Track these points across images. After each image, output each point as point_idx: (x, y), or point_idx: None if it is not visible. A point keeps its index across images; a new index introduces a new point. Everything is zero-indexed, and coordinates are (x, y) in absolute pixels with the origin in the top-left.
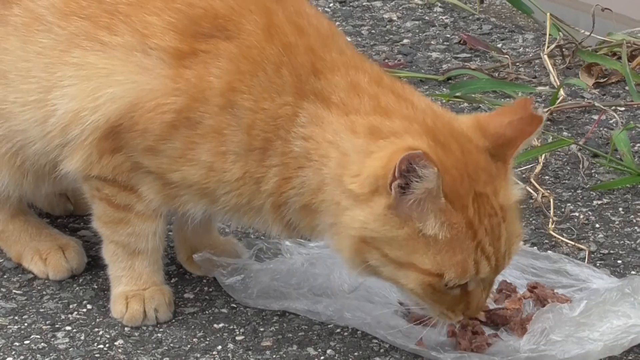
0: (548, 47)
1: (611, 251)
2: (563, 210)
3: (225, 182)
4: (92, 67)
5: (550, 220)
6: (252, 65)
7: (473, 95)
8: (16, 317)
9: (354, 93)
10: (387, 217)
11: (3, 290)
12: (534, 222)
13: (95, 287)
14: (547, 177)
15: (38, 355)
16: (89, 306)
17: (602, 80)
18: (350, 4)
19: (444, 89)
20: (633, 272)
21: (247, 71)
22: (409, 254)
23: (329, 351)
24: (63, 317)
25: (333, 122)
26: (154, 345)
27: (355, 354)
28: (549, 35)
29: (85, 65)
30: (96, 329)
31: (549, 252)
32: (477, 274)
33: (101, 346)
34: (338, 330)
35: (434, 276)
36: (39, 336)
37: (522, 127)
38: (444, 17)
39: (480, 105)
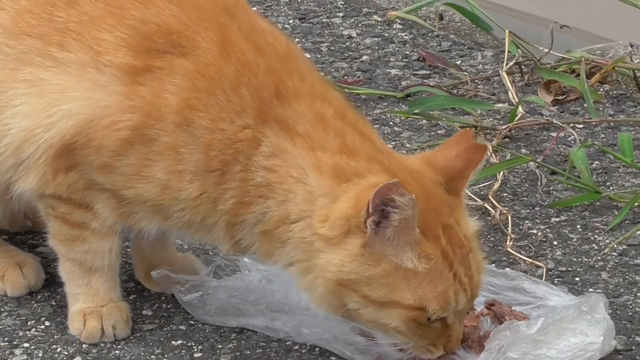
0: (507, 64)
1: (569, 268)
2: (521, 227)
3: (181, 200)
4: (45, 83)
5: (508, 237)
6: (209, 83)
7: (432, 112)
8: None
9: (320, 126)
10: (364, 256)
11: None
12: (492, 239)
13: (54, 303)
14: (505, 194)
15: None
16: (47, 323)
17: (560, 98)
18: (310, 20)
19: (403, 106)
20: (590, 290)
21: (204, 89)
22: (390, 292)
23: None
24: (21, 334)
25: (297, 156)
26: None
27: None
28: (508, 52)
29: (37, 81)
30: (54, 346)
31: (507, 269)
32: (457, 305)
33: None
34: (296, 347)
35: (417, 310)
36: None
37: (469, 157)
38: (403, 34)
39: (439, 122)
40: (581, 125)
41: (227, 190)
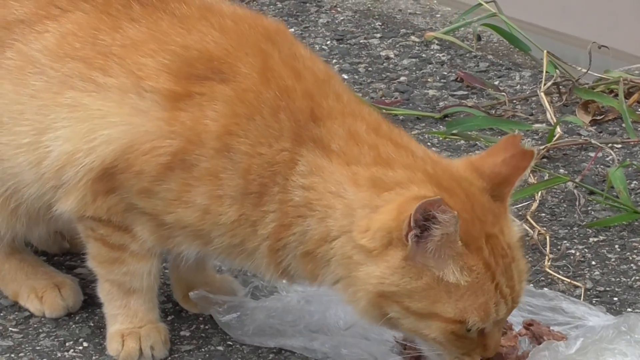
0: (545, 84)
1: (607, 288)
2: (559, 247)
3: (221, 224)
4: (86, 108)
5: (547, 257)
6: (249, 109)
7: (469, 133)
8: (12, 355)
9: (352, 142)
10: (405, 269)
11: (0, 328)
12: (530, 259)
13: (92, 324)
14: (543, 214)
15: None
16: (85, 344)
17: (598, 118)
18: (348, 41)
19: (441, 127)
20: (629, 310)
21: (243, 114)
22: (431, 304)
23: None
24: (59, 354)
25: (334, 172)
26: None
27: None
28: (546, 72)
29: (79, 106)
30: None
31: (545, 289)
32: (497, 316)
33: None
34: None
35: (457, 323)
36: None
37: (515, 163)
38: (440, 55)
39: (477, 142)
40: (619, 145)
41: (267, 214)
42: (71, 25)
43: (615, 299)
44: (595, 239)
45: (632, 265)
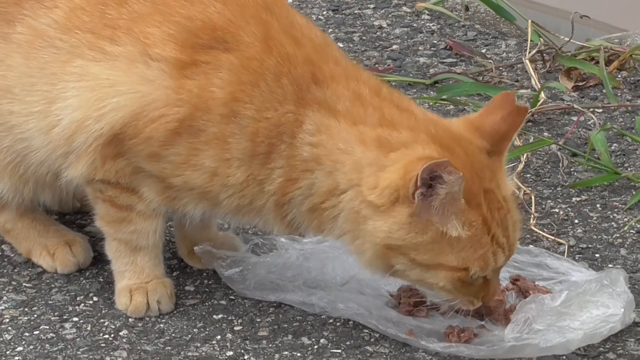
0: (529, 52)
1: (589, 245)
2: (544, 206)
3: (229, 186)
4: (95, 77)
5: (532, 216)
6: (253, 76)
7: (458, 98)
8: (26, 309)
9: (358, 103)
10: (411, 224)
11: (14, 283)
12: None
13: (101, 280)
14: (528, 175)
15: (47, 345)
16: (95, 298)
17: (580, 84)
18: (343, 12)
19: (431, 92)
20: (610, 266)
21: (248, 82)
22: (436, 256)
23: (322, 340)
24: (70, 308)
25: (342, 130)
26: (156, 335)
27: (347, 342)
28: (531, 41)
29: (87, 75)
30: (102, 320)
31: (530, 246)
32: (496, 264)
33: (107, 336)
34: (331, 320)
35: (461, 271)
36: (47, 327)
37: (512, 119)
38: (431, 24)
39: (465, 107)
40: (600, 110)
41: (274, 170)
42: (79, 1)
43: (597, 255)
44: (578, 199)
45: (612, 223)
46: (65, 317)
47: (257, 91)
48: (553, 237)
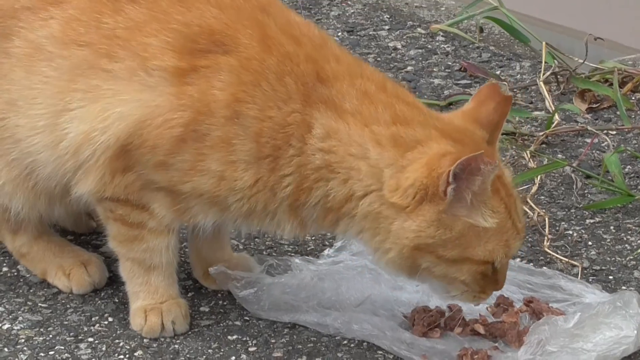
0: (544, 74)
1: (603, 267)
2: (557, 228)
3: (237, 189)
4: (97, 89)
5: (546, 238)
6: (254, 76)
7: None
8: (41, 329)
9: (367, 101)
10: (441, 221)
11: (29, 303)
12: (530, 239)
13: (116, 300)
14: (542, 197)
15: None
16: (110, 319)
17: (594, 106)
18: (358, 33)
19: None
20: (623, 287)
21: (249, 81)
22: (463, 250)
23: None
24: (86, 329)
25: (353, 134)
26: (171, 356)
27: None
28: (545, 62)
29: (90, 88)
30: (117, 341)
31: (544, 268)
32: (514, 251)
33: (121, 357)
34: (345, 341)
35: (486, 264)
36: (63, 347)
37: (502, 109)
38: (445, 46)
39: None
40: (614, 132)
41: (284, 177)
42: (74, 11)
43: (611, 277)
44: (592, 221)
45: (626, 245)
46: (80, 337)
47: (259, 90)
48: (567, 259)
